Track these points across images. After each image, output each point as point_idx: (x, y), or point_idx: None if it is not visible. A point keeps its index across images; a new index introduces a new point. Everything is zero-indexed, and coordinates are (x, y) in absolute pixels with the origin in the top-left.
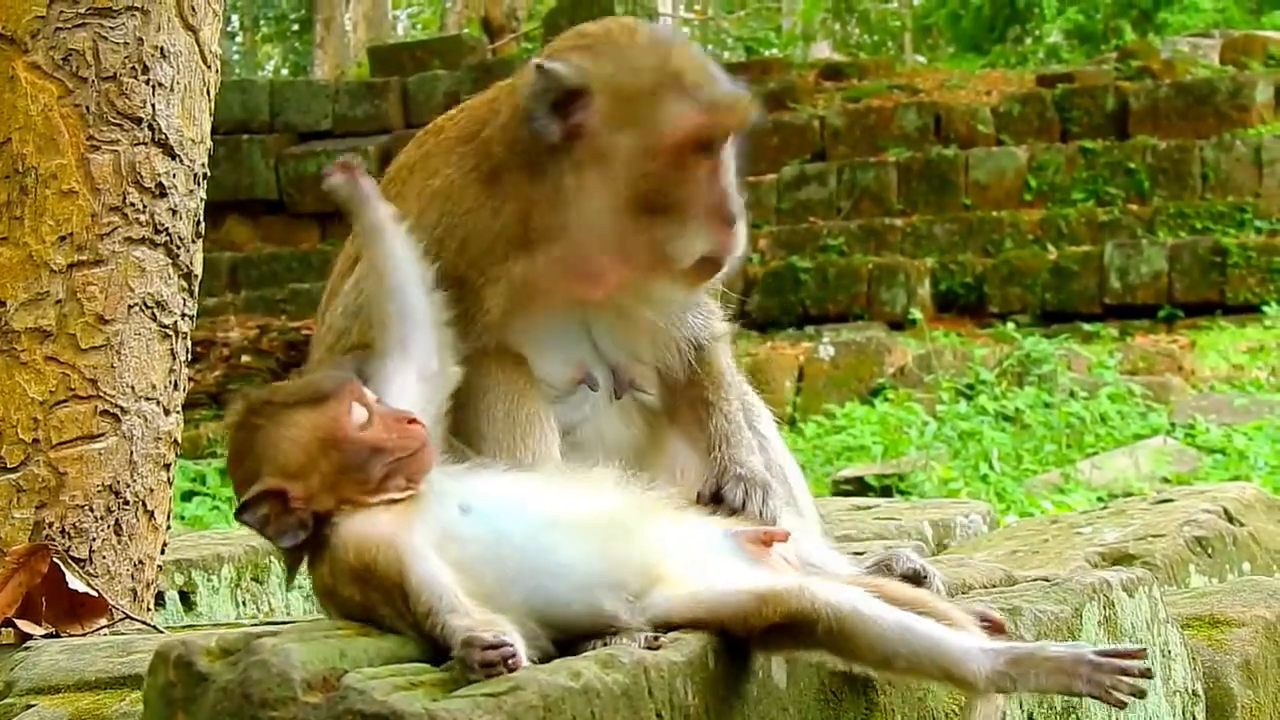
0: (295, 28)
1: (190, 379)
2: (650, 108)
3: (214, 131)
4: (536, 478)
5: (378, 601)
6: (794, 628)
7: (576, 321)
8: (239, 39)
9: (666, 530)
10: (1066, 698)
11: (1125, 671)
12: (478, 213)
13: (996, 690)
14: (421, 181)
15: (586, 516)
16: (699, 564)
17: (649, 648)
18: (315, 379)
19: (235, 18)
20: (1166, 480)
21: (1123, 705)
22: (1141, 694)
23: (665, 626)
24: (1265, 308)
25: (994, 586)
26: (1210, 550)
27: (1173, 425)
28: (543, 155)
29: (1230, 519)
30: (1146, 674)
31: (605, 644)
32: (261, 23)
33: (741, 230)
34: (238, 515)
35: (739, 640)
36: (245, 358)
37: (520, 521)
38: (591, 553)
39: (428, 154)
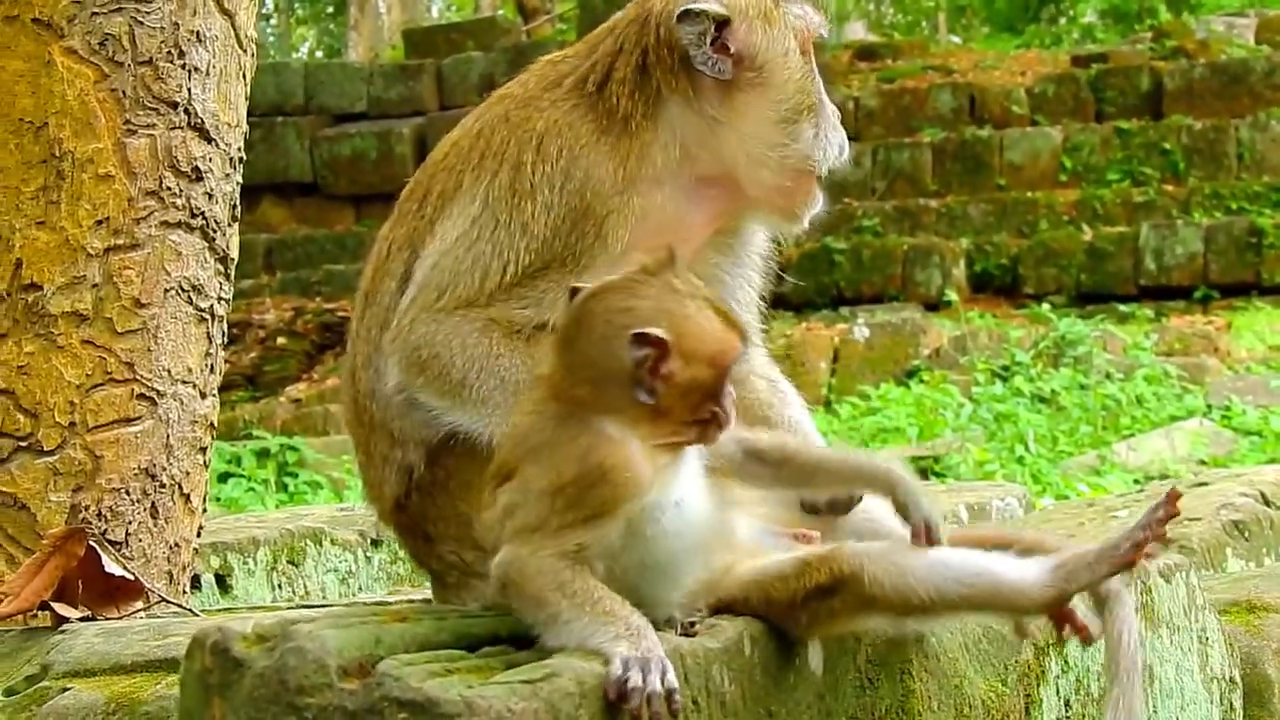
0: (330, 10)
1: (226, 361)
2: (784, 15)
3: (250, 114)
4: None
5: (562, 509)
6: (839, 590)
7: None
8: (274, 21)
9: (741, 534)
10: (1104, 687)
11: (1159, 520)
12: (595, 148)
13: (1057, 599)
14: (519, 130)
15: (715, 524)
16: (754, 558)
17: (685, 634)
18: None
19: (270, 0)
20: (1203, 462)
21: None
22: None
23: (714, 608)
24: None
25: None
26: (1247, 534)
27: (1209, 407)
28: (667, 95)
29: (1267, 502)
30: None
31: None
32: (296, 5)
33: None
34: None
35: (775, 627)
36: (280, 339)
37: (695, 524)
38: (699, 560)
39: (507, 113)
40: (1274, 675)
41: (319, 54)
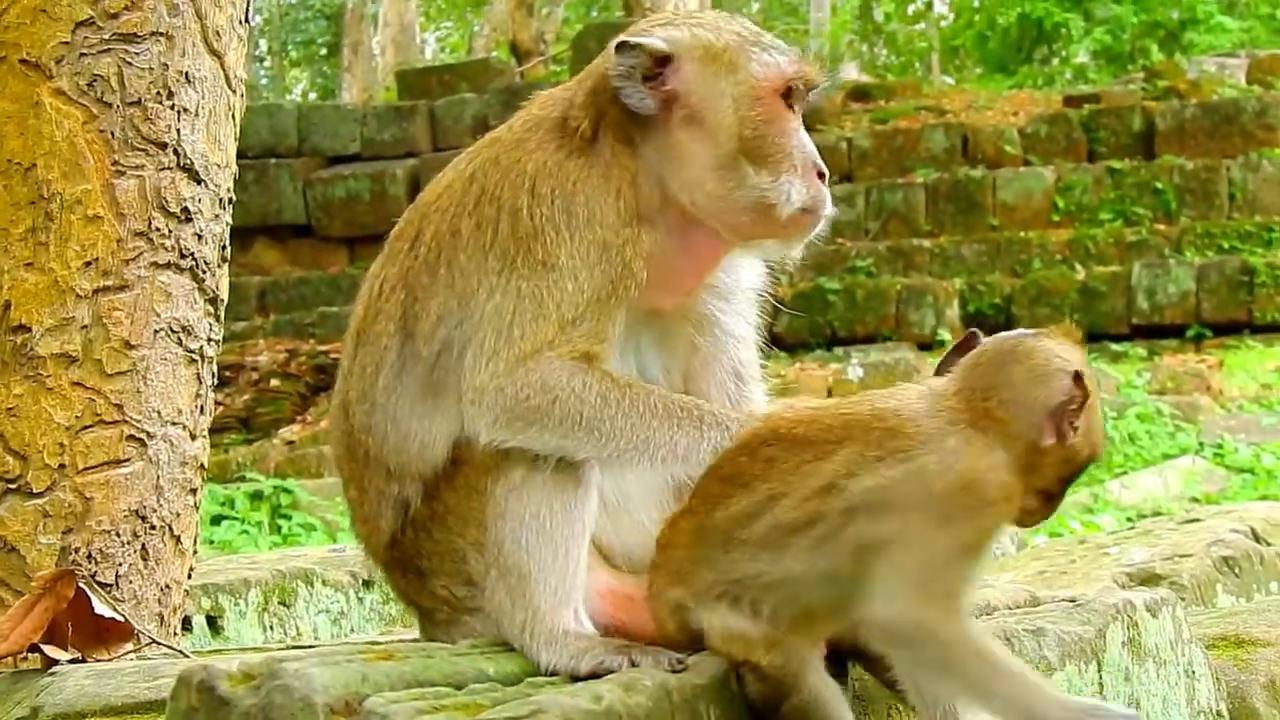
0: (323, 52)
1: (219, 403)
2: (740, 59)
3: (242, 155)
4: None
5: (897, 531)
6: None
7: (632, 335)
8: (267, 63)
9: None
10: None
11: None
12: (587, 183)
13: None
14: (510, 174)
15: None
16: None
17: (673, 670)
18: None
19: (263, 42)
20: (1195, 500)
21: None
22: None
23: None
24: None
25: (1018, 607)
26: (1238, 570)
27: (1201, 445)
28: (634, 131)
29: (1257, 538)
30: None
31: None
32: (289, 47)
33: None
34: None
35: None
36: (274, 381)
37: None
38: None
39: (497, 156)
40: (1261, 709)
41: (312, 95)
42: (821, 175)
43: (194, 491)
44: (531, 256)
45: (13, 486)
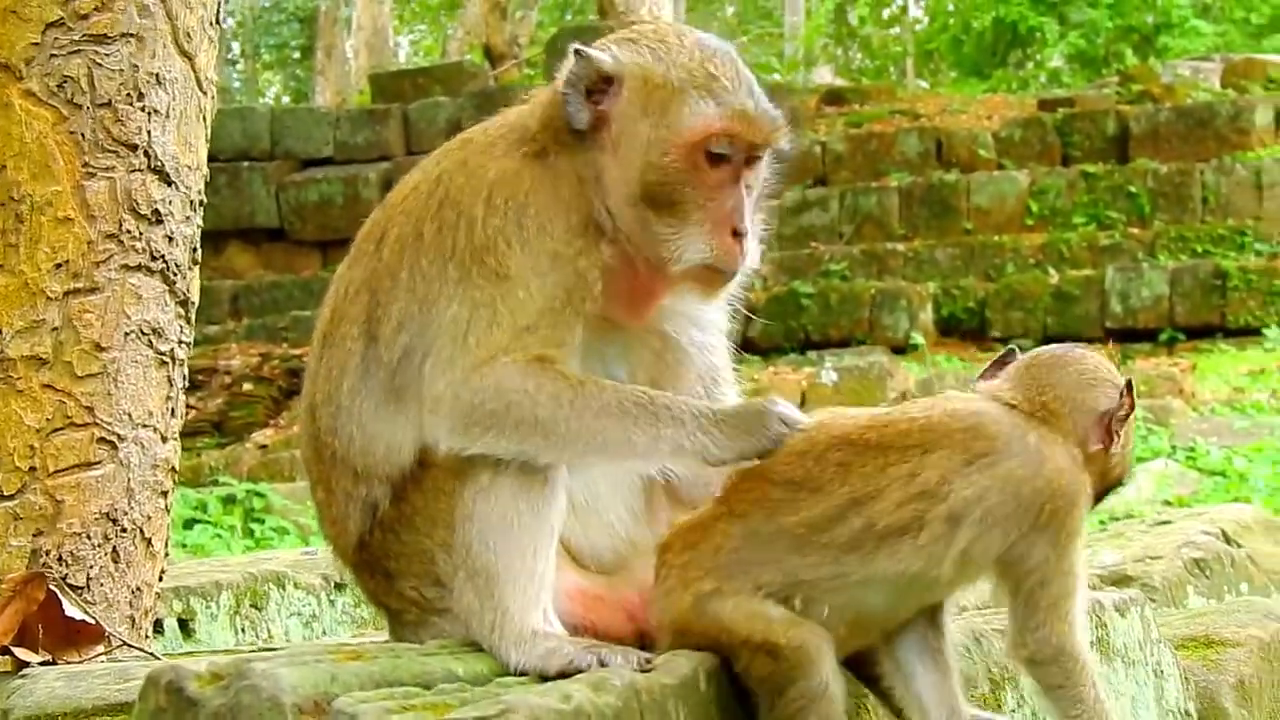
0: (296, 55)
1: (192, 407)
2: (673, 102)
3: (215, 159)
4: None
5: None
6: None
7: (597, 348)
8: (240, 66)
9: None
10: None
11: None
12: (539, 191)
13: None
14: (474, 179)
15: None
16: None
17: (641, 670)
18: None
19: (236, 45)
20: (1168, 503)
21: None
22: None
23: None
24: (1265, 330)
25: (987, 607)
26: (1208, 572)
27: (1174, 448)
28: (576, 141)
29: (1228, 540)
30: None
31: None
32: (263, 50)
33: (750, 246)
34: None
35: (730, 663)
36: (247, 385)
37: None
38: None
39: (466, 159)
40: (1230, 709)
41: (285, 99)
42: (738, 234)
43: (165, 494)
44: (485, 267)
45: None
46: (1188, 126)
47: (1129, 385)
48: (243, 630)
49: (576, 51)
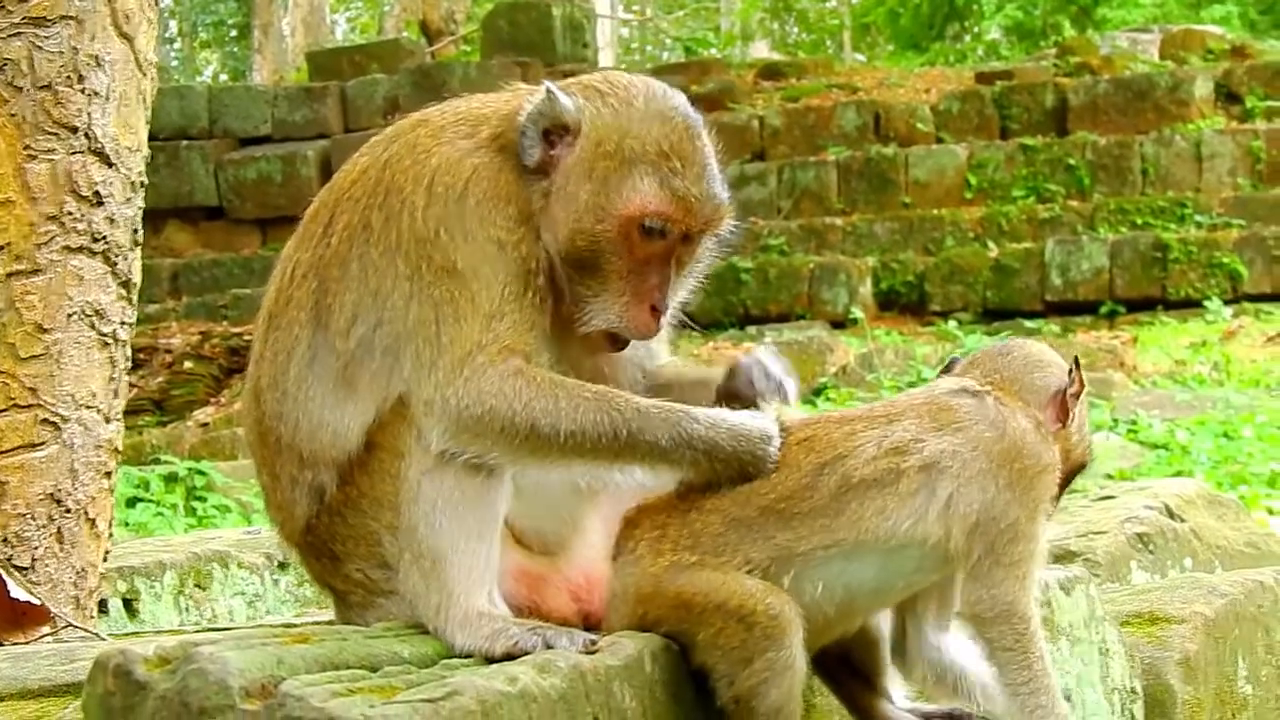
0: (233, 33)
1: (133, 386)
2: (618, 173)
3: (153, 138)
4: None
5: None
6: None
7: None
8: (177, 45)
9: None
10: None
11: None
12: (479, 181)
13: None
14: (418, 165)
15: None
16: None
17: (586, 652)
18: None
19: (173, 23)
20: (1110, 476)
21: None
22: None
23: None
24: (1206, 303)
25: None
26: (1152, 547)
27: (1115, 421)
28: (528, 170)
29: (1171, 515)
30: None
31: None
32: (200, 28)
33: (662, 321)
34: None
35: (677, 643)
36: (188, 364)
37: None
38: None
39: (416, 142)
40: (1176, 686)
41: (223, 77)
42: (656, 311)
43: (109, 475)
44: (432, 263)
45: None
46: (1126, 99)
47: (1076, 362)
48: (187, 610)
49: (547, 90)
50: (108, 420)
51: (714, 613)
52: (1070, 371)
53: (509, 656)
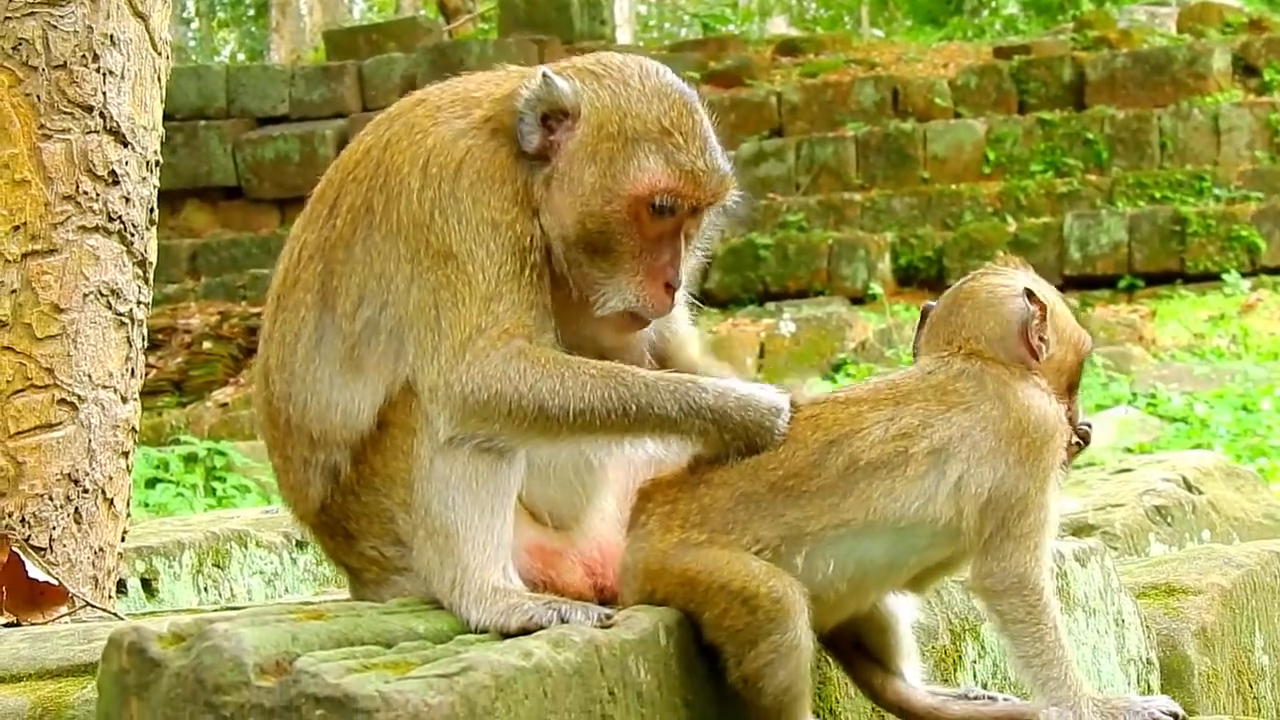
0: (251, 12)
1: (152, 366)
2: (623, 153)
3: (171, 118)
4: None
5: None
6: None
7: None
8: (194, 25)
9: None
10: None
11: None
12: (473, 163)
13: None
14: (416, 146)
15: None
16: None
17: (601, 626)
18: None
19: (190, 3)
20: (1129, 450)
21: None
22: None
23: None
24: (1225, 276)
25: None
26: (1170, 519)
27: (1134, 395)
28: (525, 154)
29: (1189, 487)
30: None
31: None
32: (217, 8)
33: (678, 297)
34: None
35: (690, 618)
36: (206, 344)
37: None
38: None
39: (414, 122)
40: (1192, 657)
41: (240, 57)
42: (670, 288)
43: (126, 454)
44: (430, 248)
45: None
46: (1144, 72)
47: (1028, 293)
48: (205, 589)
49: (544, 75)
50: (124, 400)
51: (718, 593)
52: (1024, 301)
53: (524, 631)
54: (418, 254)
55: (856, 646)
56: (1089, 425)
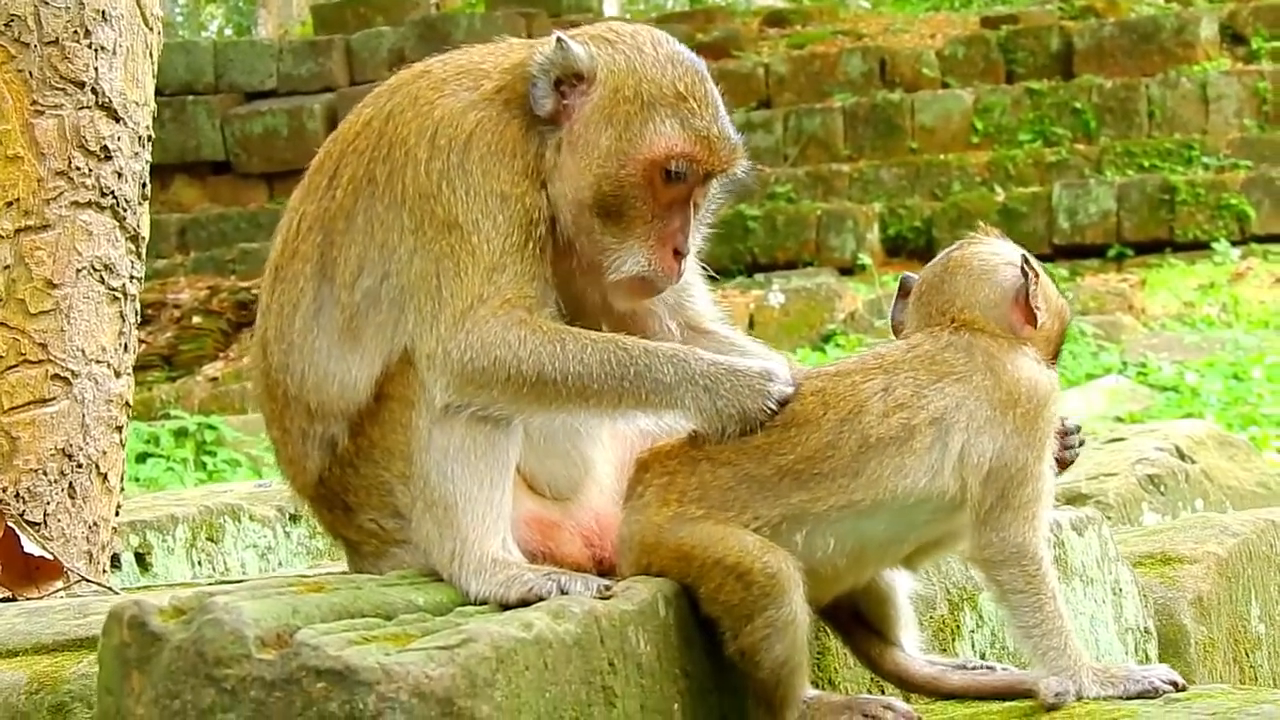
0: None
1: (141, 341)
2: (639, 117)
3: (159, 93)
4: None
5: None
6: None
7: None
8: (182, 0)
9: None
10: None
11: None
12: (484, 135)
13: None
14: (421, 117)
15: None
16: None
17: (601, 597)
18: None
19: None
20: (1120, 419)
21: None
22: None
23: None
24: (1214, 244)
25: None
26: (1163, 488)
27: (1125, 364)
28: (536, 122)
29: (1182, 456)
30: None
31: None
32: None
33: (687, 264)
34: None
35: (688, 589)
36: (196, 319)
37: None
38: None
39: (418, 94)
40: (1189, 625)
41: (228, 31)
42: (679, 254)
43: (120, 429)
44: (435, 218)
45: None
46: (1132, 41)
47: (1024, 259)
48: (199, 563)
49: (558, 40)
50: (118, 375)
51: (713, 568)
52: (1021, 268)
53: (524, 603)
54: (422, 224)
55: (855, 617)
56: (1078, 430)
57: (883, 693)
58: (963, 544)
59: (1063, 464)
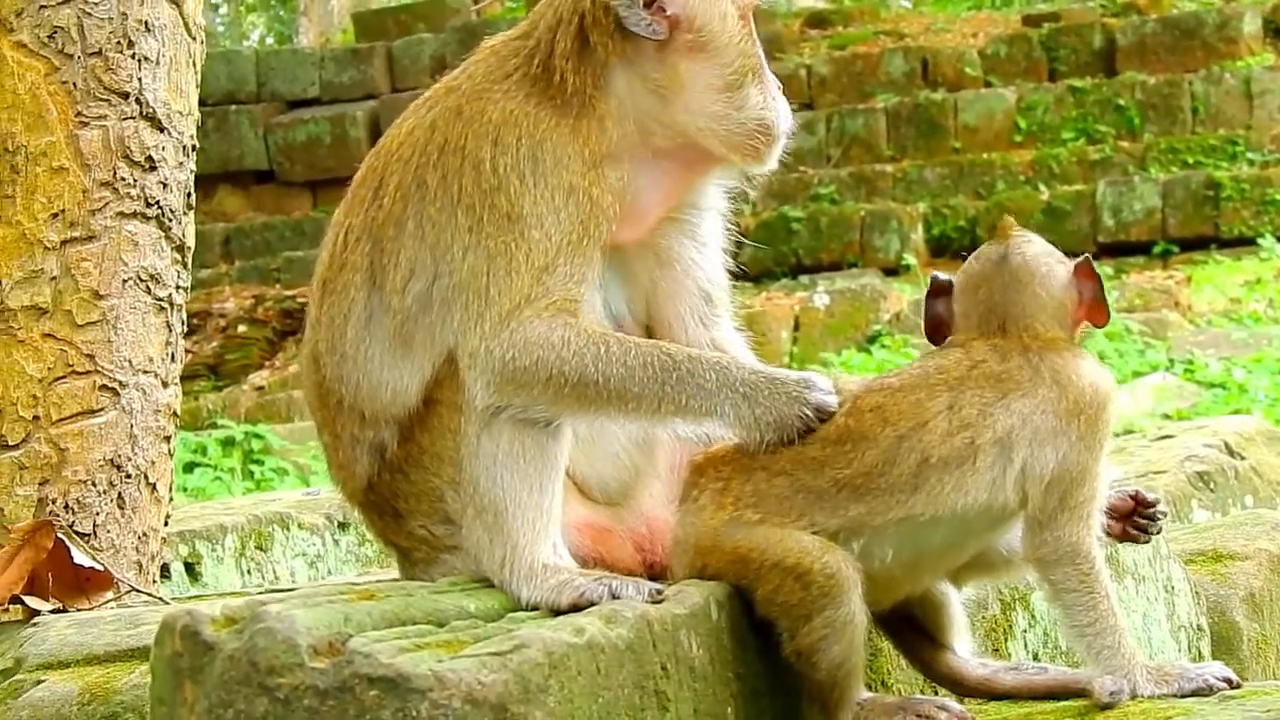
0: None
1: (187, 351)
2: None
3: (202, 103)
4: None
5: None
6: None
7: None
8: (223, 9)
9: None
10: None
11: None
12: (555, 130)
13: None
14: (474, 124)
15: None
16: None
17: (653, 601)
18: None
19: None
20: (1167, 417)
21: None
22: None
23: None
24: (1260, 240)
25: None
26: (1212, 485)
27: (1171, 361)
28: (611, 68)
29: (1231, 452)
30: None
31: None
32: None
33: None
34: None
35: (740, 591)
36: (242, 328)
37: None
38: None
39: (459, 106)
40: (1242, 623)
41: (269, 40)
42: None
43: (168, 439)
44: (496, 211)
45: None
46: (1174, 37)
47: (1086, 258)
48: (248, 572)
49: None
50: (165, 385)
51: (771, 570)
52: (1079, 268)
53: (575, 608)
54: (480, 220)
55: (907, 621)
56: (1157, 503)
57: (935, 695)
58: (1013, 573)
59: (1136, 540)
